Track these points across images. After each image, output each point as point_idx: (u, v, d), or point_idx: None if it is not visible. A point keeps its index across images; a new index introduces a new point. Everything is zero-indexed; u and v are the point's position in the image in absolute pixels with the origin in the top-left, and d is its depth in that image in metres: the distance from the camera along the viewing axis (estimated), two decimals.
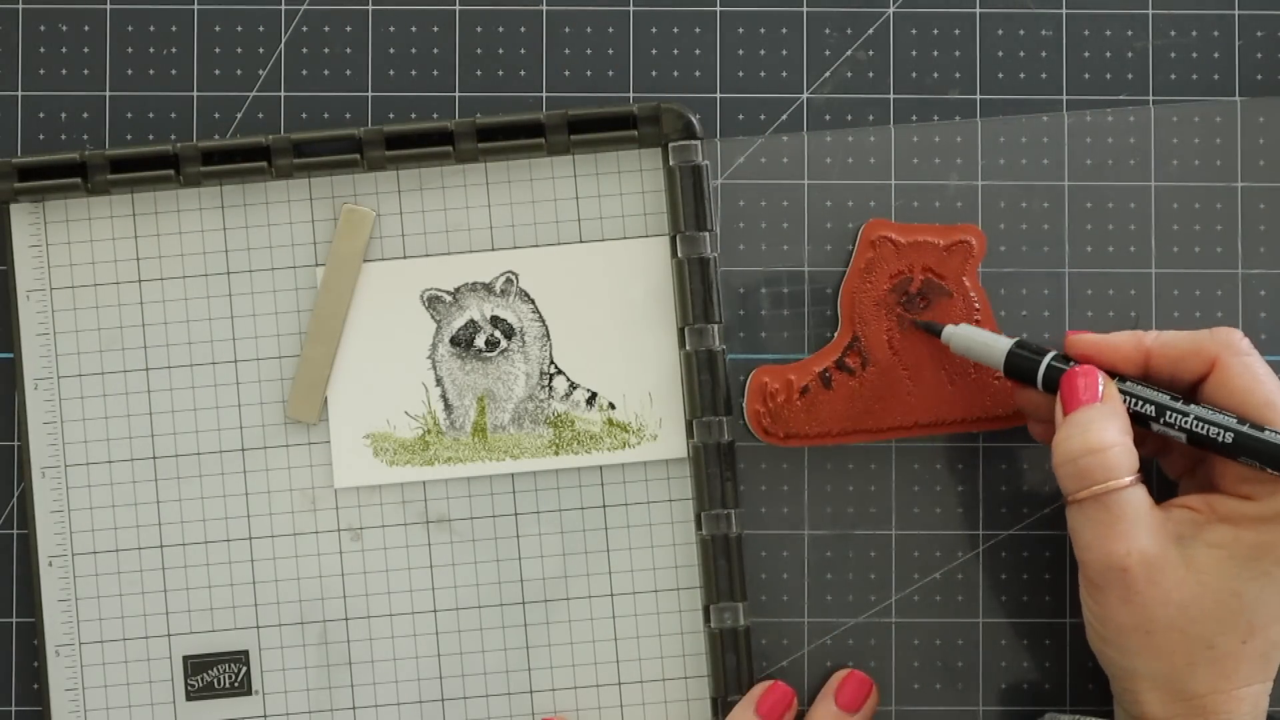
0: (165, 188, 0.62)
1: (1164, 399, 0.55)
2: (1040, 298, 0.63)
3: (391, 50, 0.63)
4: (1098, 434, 0.54)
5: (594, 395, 0.62)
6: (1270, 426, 0.54)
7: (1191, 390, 0.56)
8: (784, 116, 0.63)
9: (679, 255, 0.61)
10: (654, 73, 0.63)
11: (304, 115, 0.63)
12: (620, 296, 0.62)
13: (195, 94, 0.63)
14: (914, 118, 0.63)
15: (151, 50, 0.63)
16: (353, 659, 0.62)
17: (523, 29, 0.63)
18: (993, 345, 0.59)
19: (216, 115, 0.63)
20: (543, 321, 0.62)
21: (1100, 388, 0.55)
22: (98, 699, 0.62)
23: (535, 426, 0.62)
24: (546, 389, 0.62)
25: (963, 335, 0.59)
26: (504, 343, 0.62)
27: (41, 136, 0.63)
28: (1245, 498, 0.55)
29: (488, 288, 0.62)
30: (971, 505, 0.63)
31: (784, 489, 0.63)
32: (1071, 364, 0.57)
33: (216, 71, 0.63)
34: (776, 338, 0.63)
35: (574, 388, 0.62)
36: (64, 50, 0.63)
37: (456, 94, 0.63)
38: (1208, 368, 0.55)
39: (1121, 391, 0.56)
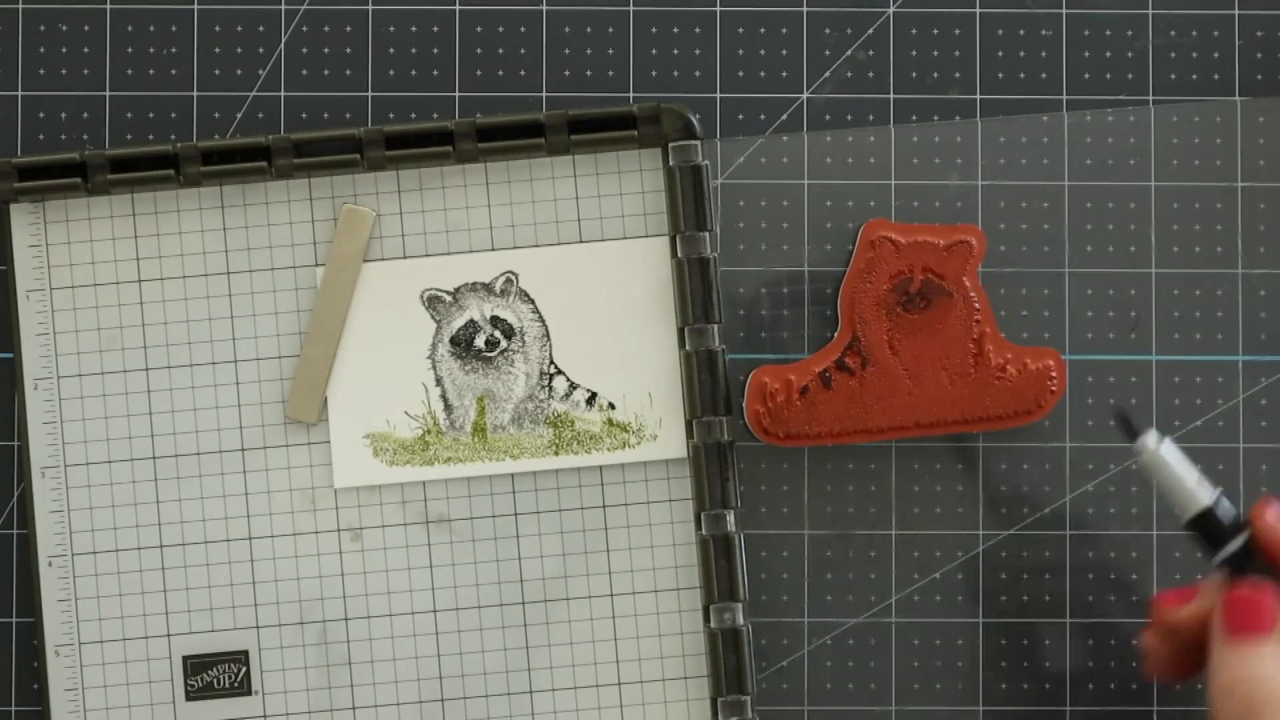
0: (165, 188, 0.62)
1: None
2: (1040, 298, 0.63)
3: (391, 50, 0.63)
4: (1277, 685, 0.49)
5: (594, 395, 0.62)
6: None
7: None
8: (784, 116, 0.63)
9: (679, 255, 0.61)
10: (654, 73, 0.63)
11: (304, 115, 0.63)
12: (620, 296, 0.62)
13: (195, 94, 0.63)
14: (914, 118, 0.63)
15: (151, 50, 0.63)
16: (353, 659, 0.62)
17: (523, 29, 0.63)
18: (1188, 491, 0.54)
19: (216, 115, 0.63)
20: (543, 321, 0.62)
21: (1274, 615, 0.50)
22: (98, 699, 0.62)
23: (535, 426, 0.62)
24: (546, 389, 0.62)
25: (1163, 460, 0.54)
26: (504, 343, 0.62)
27: (41, 136, 0.63)
28: None
29: (488, 288, 0.62)
30: (971, 505, 0.63)
31: (784, 489, 0.63)
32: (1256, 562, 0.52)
33: (216, 71, 0.63)
34: (776, 338, 0.63)
35: (574, 388, 0.62)
36: (64, 50, 0.63)
37: (456, 94, 0.63)
38: None
39: None
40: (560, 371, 0.62)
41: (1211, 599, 0.54)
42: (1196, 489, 0.54)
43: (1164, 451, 0.55)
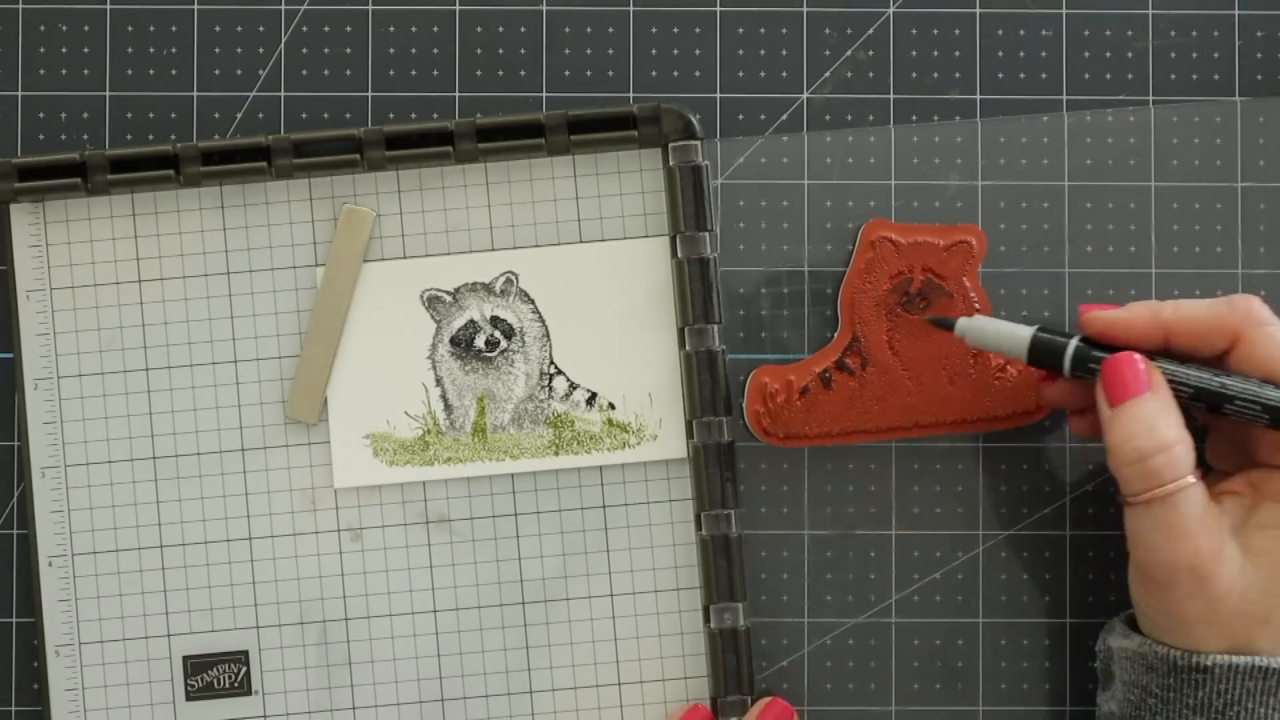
0: (165, 188, 0.62)
1: (1203, 381, 0.55)
2: (1040, 298, 0.63)
3: (391, 50, 0.63)
4: (1163, 431, 0.54)
5: (594, 395, 0.62)
6: None
7: (1214, 361, 0.56)
8: (784, 116, 0.63)
9: (679, 255, 0.61)
10: (654, 73, 0.63)
11: (304, 115, 0.63)
12: (620, 296, 0.62)
13: (195, 94, 0.63)
14: (914, 118, 0.63)
15: (151, 50, 0.63)
16: (353, 659, 0.62)
17: (523, 29, 0.63)
18: (1014, 334, 0.57)
19: (216, 115, 0.63)
20: (543, 321, 0.62)
21: (1145, 375, 0.55)
22: (98, 699, 0.62)
23: (535, 427, 0.62)
24: (546, 389, 0.62)
25: (978, 327, 0.58)
26: (504, 343, 0.62)
27: (41, 136, 0.63)
28: None
29: (488, 288, 0.62)
30: (971, 505, 0.63)
31: (784, 489, 0.63)
32: (1097, 348, 0.56)
33: (216, 71, 0.63)
34: (776, 338, 0.63)
35: (574, 388, 0.62)
36: (64, 50, 0.63)
37: (456, 94, 0.63)
38: (1229, 343, 0.55)
39: (1164, 373, 0.55)
40: (560, 371, 0.62)
41: (1061, 389, 0.59)
42: (1019, 329, 0.57)
43: (978, 320, 0.58)
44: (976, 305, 0.61)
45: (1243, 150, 0.63)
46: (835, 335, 0.62)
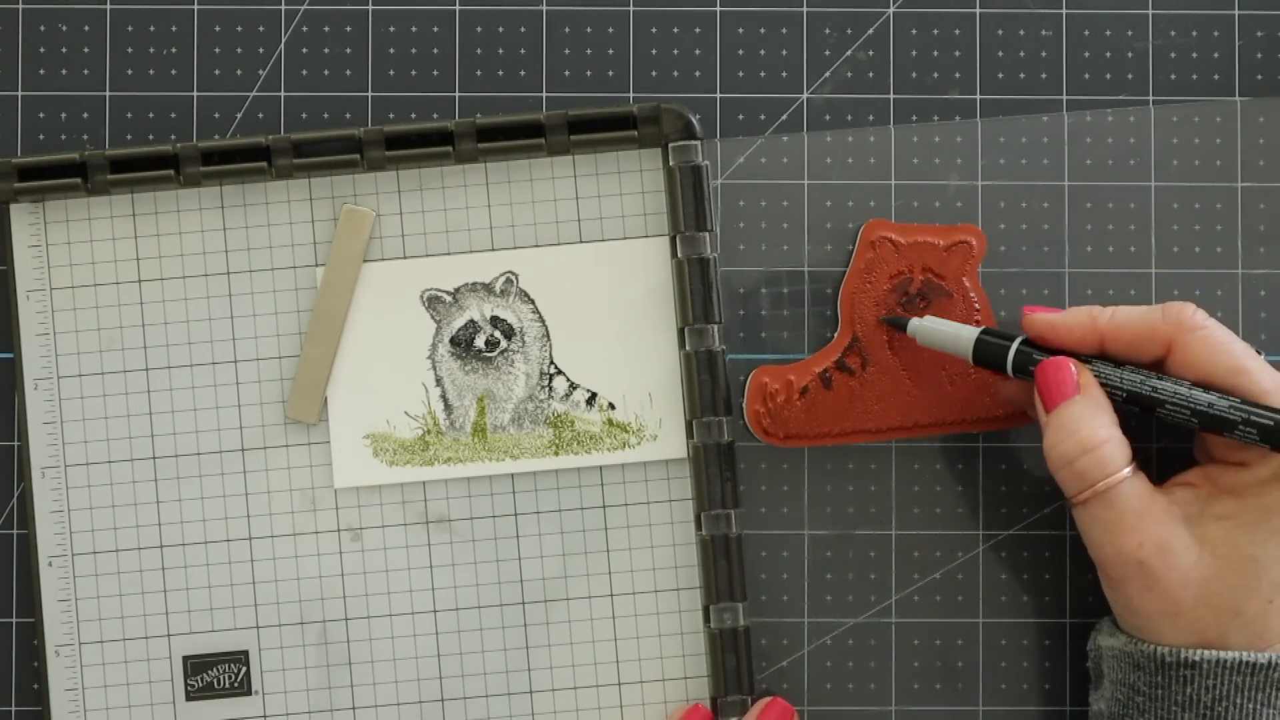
0: (165, 188, 0.62)
1: (1134, 385, 0.55)
2: (1040, 298, 0.63)
3: (391, 50, 0.63)
4: (1088, 432, 0.54)
5: (594, 395, 0.62)
6: (1239, 393, 0.54)
7: (1155, 366, 0.56)
8: (784, 116, 0.63)
9: (679, 255, 0.61)
10: (654, 73, 0.63)
11: (304, 115, 0.63)
12: (620, 296, 0.62)
13: (195, 94, 0.63)
14: (914, 118, 0.63)
15: (151, 50, 0.63)
16: (352, 659, 0.62)
17: (523, 29, 0.63)
18: (960, 335, 0.59)
19: (216, 115, 0.63)
20: (543, 321, 0.62)
21: (1075, 377, 0.55)
22: (98, 699, 0.62)
23: (535, 427, 0.62)
24: (546, 389, 0.62)
25: (928, 327, 0.59)
26: (504, 343, 0.62)
27: (41, 136, 0.63)
28: (1240, 464, 0.55)
29: (488, 288, 0.62)
30: (971, 505, 0.63)
31: (784, 489, 0.63)
32: (1037, 351, 0.57)
33: (216, 71, 0.63)
34: (776, 338, 0.63)
35: (574, 388, 0.62)
36: (64, 50, 0.63)
37: (456, 94, 0.63)
38: (1164, 350, 0.56)
39: (1097, 376, 0.56)
40: (560, 371, 0.62)
41: (1015, 387, 0.60)
42: (965, 330, 0.59)
43: (928, 321, 0.59)
44: (976, 305, 0.61)
45: (1243, 150, 0.63)
46: (835, 335, 0.62)
